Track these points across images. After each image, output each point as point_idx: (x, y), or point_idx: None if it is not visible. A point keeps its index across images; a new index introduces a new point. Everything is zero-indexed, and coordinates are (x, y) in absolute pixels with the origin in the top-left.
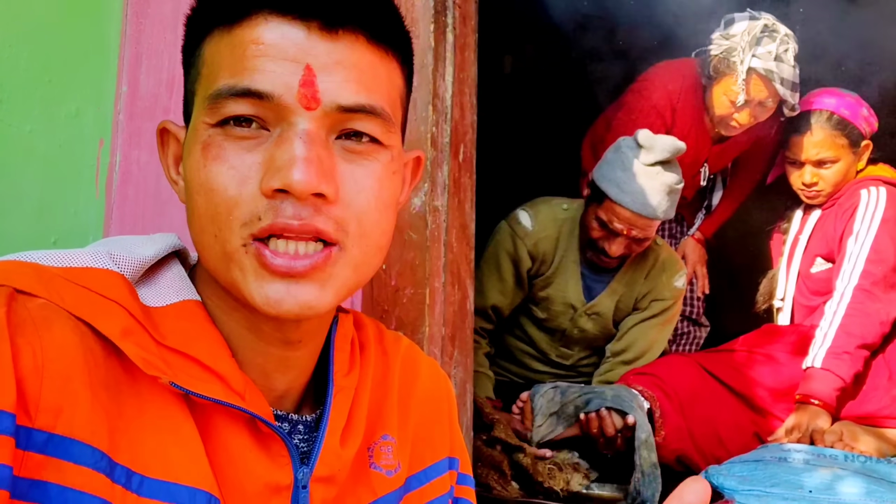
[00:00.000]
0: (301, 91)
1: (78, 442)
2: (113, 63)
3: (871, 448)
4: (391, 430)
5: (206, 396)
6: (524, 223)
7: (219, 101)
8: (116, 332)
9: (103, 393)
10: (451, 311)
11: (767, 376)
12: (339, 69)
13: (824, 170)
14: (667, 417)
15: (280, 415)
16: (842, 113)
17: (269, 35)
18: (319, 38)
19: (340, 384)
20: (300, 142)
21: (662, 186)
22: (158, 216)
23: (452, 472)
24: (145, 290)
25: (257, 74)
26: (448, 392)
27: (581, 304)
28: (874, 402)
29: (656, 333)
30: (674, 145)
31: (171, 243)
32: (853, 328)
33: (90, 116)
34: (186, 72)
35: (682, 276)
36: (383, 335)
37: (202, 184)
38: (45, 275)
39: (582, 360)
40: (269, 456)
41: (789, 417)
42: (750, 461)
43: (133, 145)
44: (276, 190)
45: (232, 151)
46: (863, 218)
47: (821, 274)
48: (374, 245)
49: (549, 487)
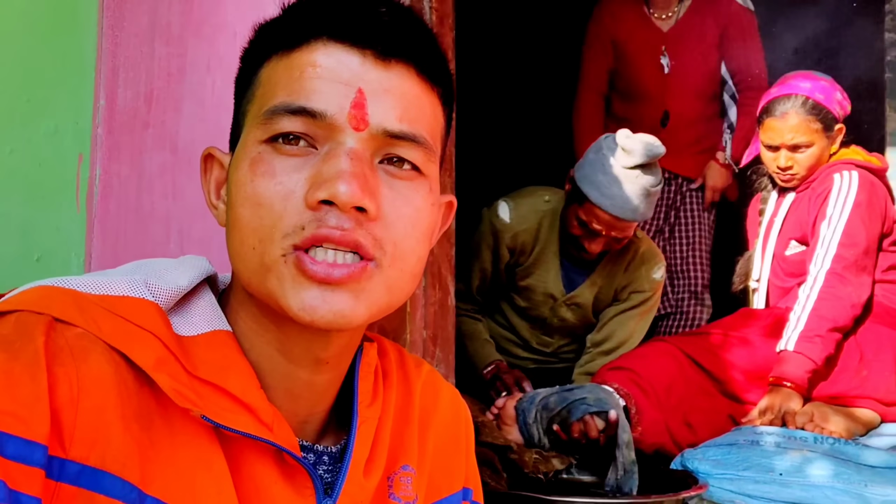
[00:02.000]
0: (352, 112)
1: (109, 474)
2: (90, 77)
3: (841, 428)
4: (411, 461)
5: (235, 430)
6: (503, 216)
7: (273, 118)
8: (150, 363)
9: (135, 425)
10: (431, 311)
11: (742, 359)
12: (389, 97)
13: (799, 154)
14: (643, 413)
15: (305, 445)
16: (816, 97)
17: (326, 59)
18: (373, 66)
19: (365, 415)
20: (346, 158)
21: (641, 190)
22: (141, 230)
23: (466, 503)
24: (178, 319)
25: (313, 94)
26: (466, 420)
27: (561, 295)
28: (844, 383)
29: (635, 324)
30: (653, 150)
31: (203, 269)
32: (825, 312)
33: (69, 132)
34: (239, 98)
35: (661, 268)
36: (405, 361)
37: (248, 197)
38: (83, 303)
39: (563, 348)
40: (294, 488)
41: (763, 399)
42: (723, 445)
43: (113, 159)
44: (320, 202)
45: (280, 167)
46: (835, 202)
47: (795, 256)
48: (409, 270)
49: (536, 475)
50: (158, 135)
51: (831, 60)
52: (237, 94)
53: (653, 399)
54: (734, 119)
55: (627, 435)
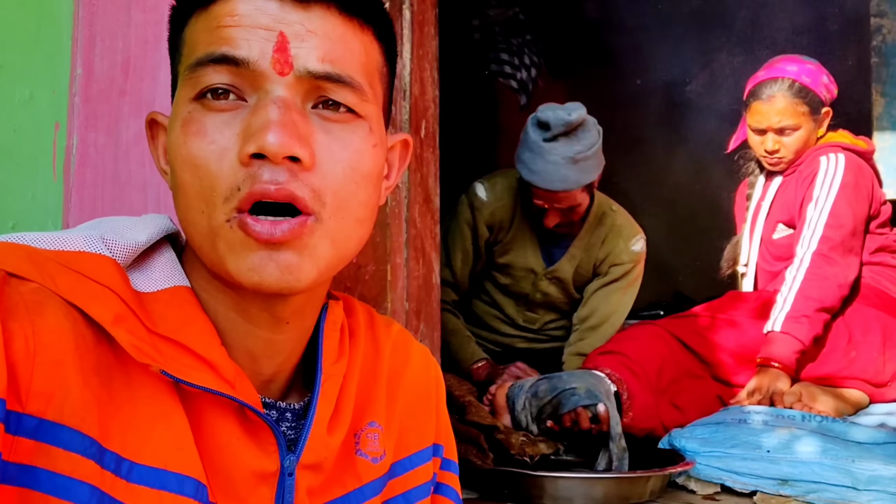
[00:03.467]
0: (275, 56)
1: (68, 428)
2: (66, 46)
3: (829, 408)
4: (378, 417)
5: (196, 385)
6: (480, 195)
7: (197, 71)
8: (108, 318)
9: (94, 379)
10: (414, 285)
11: (731, 340)
12: (311, 37)
13: (786, 137)
14: (635, 398)
15: (268, 402)
16: (803, 80)
17: (244, 6)
18: (292, 8)
19: (329, 372)
20: (274, 107)
21: (564, 160)
22: (118, 198)
23: (436, 458)
24: (137, 276)
25: (233, 41)
26: (437, 379)
27: (541, 269)
28: (833, 364)
29: (619, 298)
30: (565, 118)
31: (163, 226)
32: (812, 292)
33: (45, 100)
34: (172, 61)
35: (640, 241)
36: (374, 321)
37: (185, 160)
38: (38, 258)
39: (549, 325)
40: (256, 443)
41: (751, 380)
42: (711, 424)
43: (90, 128)
44: (251, 155)
45: (211, 124)
46: (822, 184)
47: (783, 240)
48: (353, 217)
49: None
50: (135, 102)
51: (818, 46)
52: (171, 57)
53: (644, 382)
54: None
55: (619, 426)
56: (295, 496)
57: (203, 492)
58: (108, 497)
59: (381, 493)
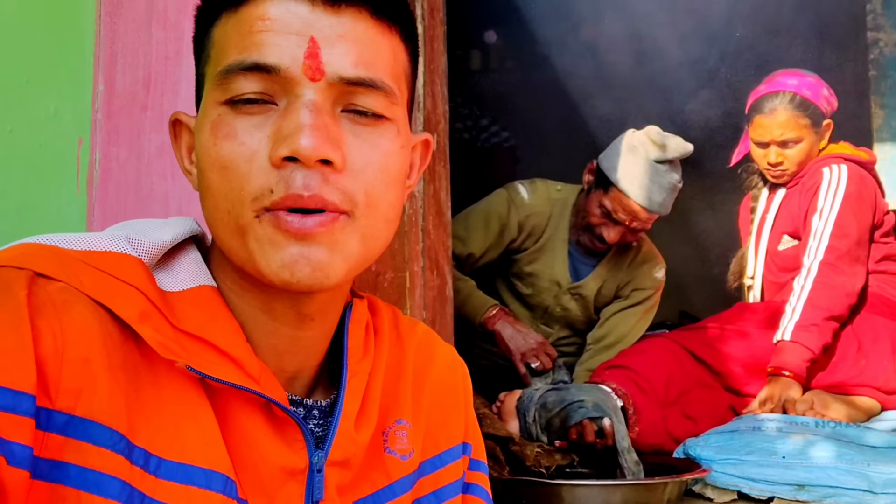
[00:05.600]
0: (306, 63)
1: (97, 424)
2: (89, 62)
3: (842, 415)
4: (405, 415)
5: (221, 380)
6: (522, 194)
7: (228, 77)
8: (134, 316)
9: (121, 376)
10: (430, 296)
11: (741, 350)
12: (342, 42)
13: (788, 150)
14: (641, 413)
15: (295, 399)
16: (804, 93)
17: (273, 10)
18: (323, 13)
19: (354, 369)
20: (306, 111)
21: (669, 185)
22: (140, 212)
23: (466, 457)
24: (162, 275)
25: (264, 48)
26: (464, 378)
27: (567, 283)
28: (843, 372)
29: (636, 321)
30: (685, 147)
31: (188, 227)
32: (820, 301)
33: (68, 115)
34: (197, 60)
35: (662, 269)
36: (399, 320)
37: (214, 161)
38: (65, 258)
39: (562, 340)
40: (284, 440)
41: (762, 390)
42: (726, 432)
43: (112, 143)
44: (284, 158)
45: (240, 127)
46: (826, 195)
47: (788, 251)
48: (382, 217)
49: (537, 468)
50: (156, 117)
51: (816, 60)
52: (195, 56)
53: (651, 397)
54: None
55: (626, 441)
56: (325, 493)
57: (232, 487)
58: (138, 492)
59: (411, 491)
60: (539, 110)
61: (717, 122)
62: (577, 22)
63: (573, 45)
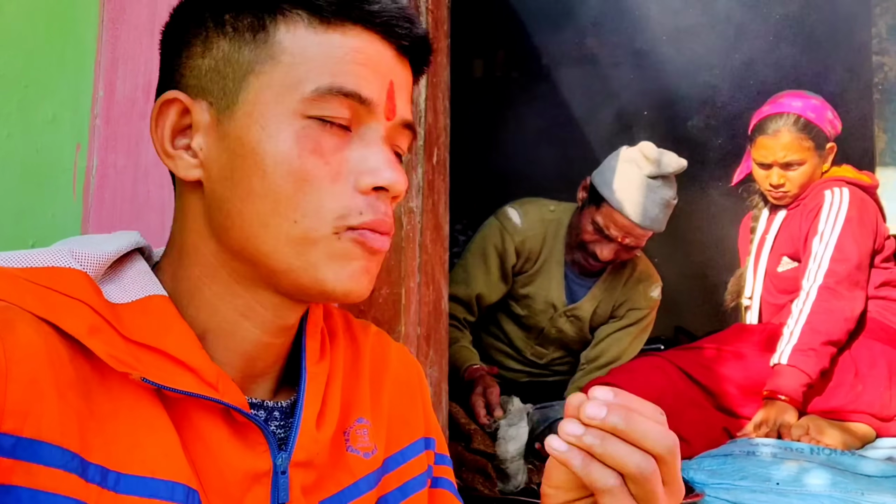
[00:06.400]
0: (388, 104)
1: (47, 444)
2: (89, 68)
3: (837, 441)
4: (365, 414)
5: (178, 390)
6: (514, 219)
7: (325, 97)
8: (83, 330)
9: (71, 393)
10: (425, 311)
11: (737, 372)
12: (403, 91)
13: (791, 171)
14: None
15: (255, 402)
16: (808, 116)
17: (369, 48)
18: (397, 61)
19: (313, 370)
20: (386, 147)
21: (662, 200)
22: (136, 219)
23: (429, 451)
24: (109, 287)
25: (362, 81)
26: (419, 375)
27: (562, 305)
28: (840, 398)
29: (630, 340)
30: (679, 162)
31: (133, 240)
32: (819, 325)
33: (67, 121)
34: (235, 45)
35: (657, 288)
36: (351, 324)
37: (294, 171)
38: (5, 276)
39: (556, 361)
40: (246, 444)
41: (758, 413)
42: (719, 455)
43: (110, 150)
44: (374, 188)
45: (327, 147)
46: (827, 218)
47: (787, 273)
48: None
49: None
50: None
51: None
52: (239, 43)
53: None
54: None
55: None
56: (290, 494)
57: (194, 497)
58: None
59: (377, 488)
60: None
61: (718, 141)
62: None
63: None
